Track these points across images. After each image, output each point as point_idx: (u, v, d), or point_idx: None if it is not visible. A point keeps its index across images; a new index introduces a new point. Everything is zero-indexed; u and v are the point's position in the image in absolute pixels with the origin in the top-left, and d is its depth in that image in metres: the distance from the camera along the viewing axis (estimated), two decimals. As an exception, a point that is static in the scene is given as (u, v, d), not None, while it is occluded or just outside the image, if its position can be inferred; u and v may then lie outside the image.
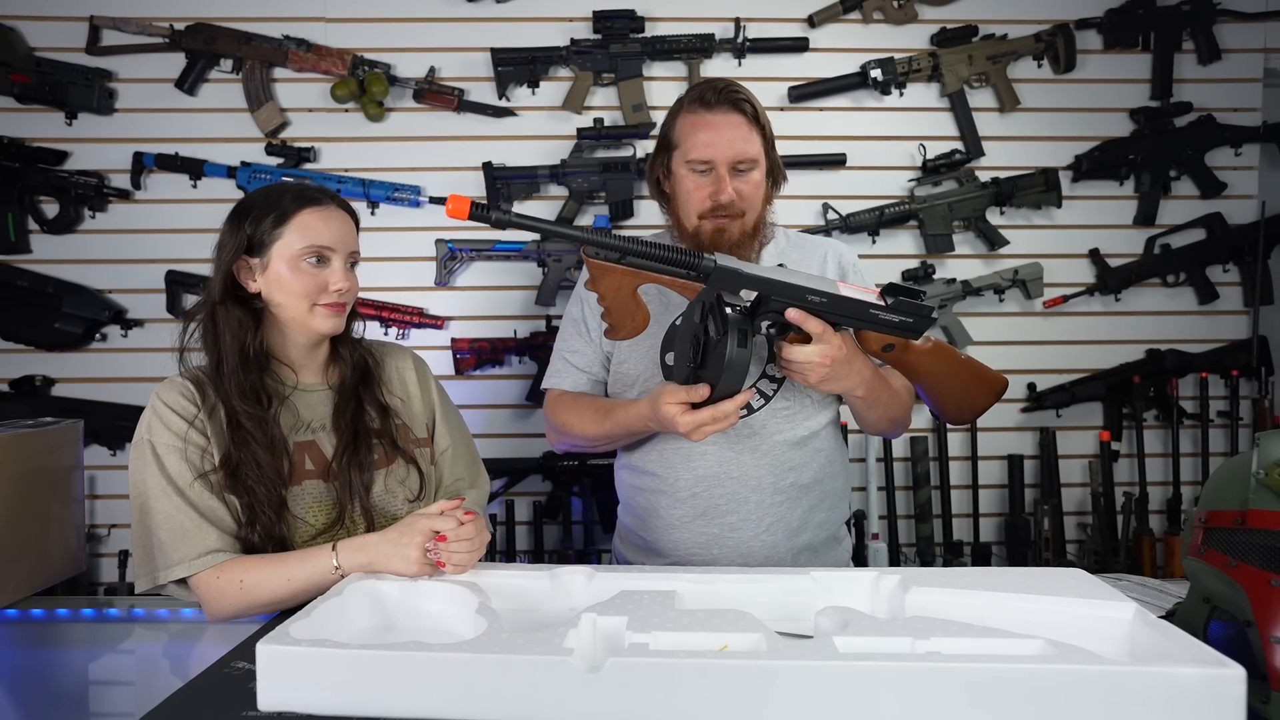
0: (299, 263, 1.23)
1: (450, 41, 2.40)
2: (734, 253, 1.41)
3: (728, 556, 1.44)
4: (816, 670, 0.79)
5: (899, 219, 2.43)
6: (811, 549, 1.48)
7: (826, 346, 1.22)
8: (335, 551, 1.15)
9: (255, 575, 1.17)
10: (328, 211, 1.26)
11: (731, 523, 1.43)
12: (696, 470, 1.44)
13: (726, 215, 1.42)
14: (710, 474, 1.43)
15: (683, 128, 1.44)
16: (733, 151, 1.40)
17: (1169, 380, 2.48)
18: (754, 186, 1.43)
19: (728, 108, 1.41)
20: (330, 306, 1.25)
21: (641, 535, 1.52)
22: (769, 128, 1.46)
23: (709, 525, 1.44)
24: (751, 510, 1.43)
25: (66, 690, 1.12)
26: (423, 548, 1.10)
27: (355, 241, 1.30)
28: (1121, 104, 2.48)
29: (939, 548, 2.47)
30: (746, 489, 1.43)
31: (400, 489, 1.32)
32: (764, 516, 1.43)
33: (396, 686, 0.83)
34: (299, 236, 1.23)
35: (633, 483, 1.54)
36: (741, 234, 1.44)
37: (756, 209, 1.45)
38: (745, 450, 1.43)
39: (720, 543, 1.44)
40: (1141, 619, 0.91)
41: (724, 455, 1.43)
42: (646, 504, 1.50)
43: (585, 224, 2.42)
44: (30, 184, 2.33)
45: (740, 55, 2.41)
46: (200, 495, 1.19)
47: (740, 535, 1.43)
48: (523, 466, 2.39)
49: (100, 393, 2.37)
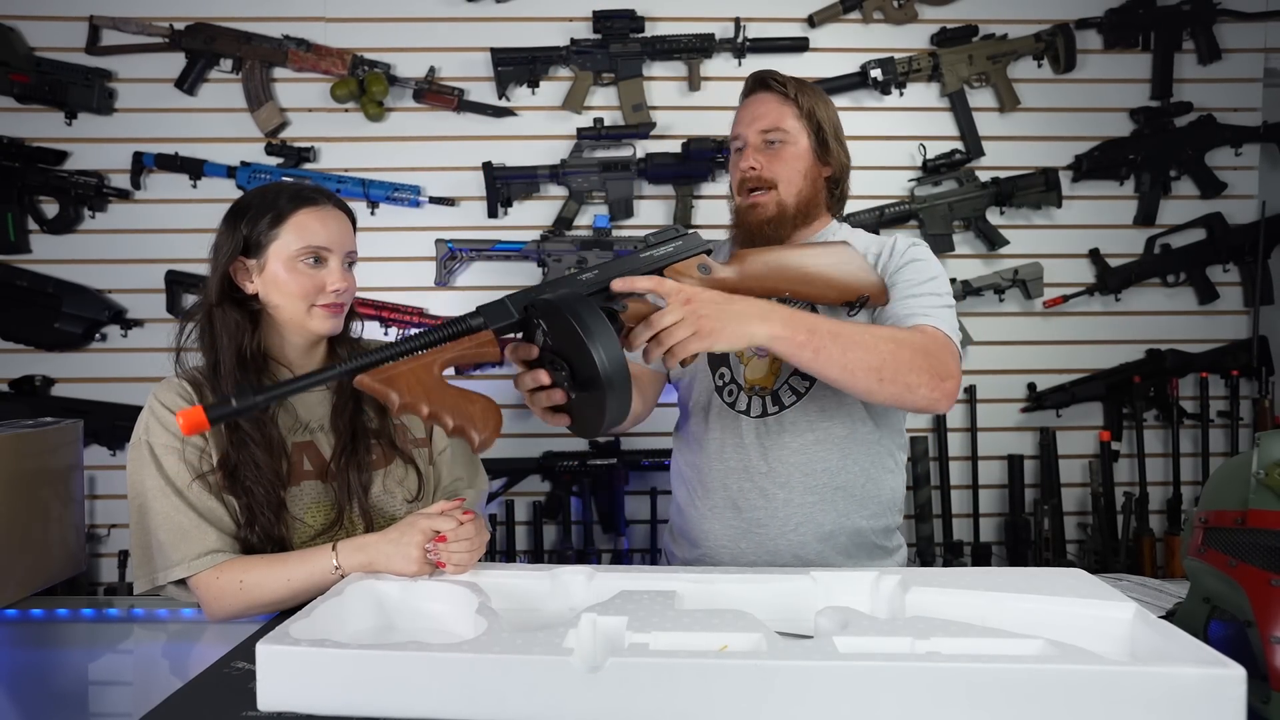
0: (296, 263, 1.22)
1: (450, 41, 2.40)
2: (768, 231, 1.39)
3: (755, 552, 1.40)
4: (816, 670, 0.79)
5: (899, 219, 2.43)
6: (848, 554, 1.41)
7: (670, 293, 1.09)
8: (335, 552, 1.15)
9: (254, 575, 1.17)
10: (324, 212, 1.26)
11: (758, 518, 1.40)
12: (729, 463, 1.42)
13: (757, 188, 1.41)
14: (740, 468, 1.41)
15: (737, 112, 1.48)
16: (757, 123, 1.41)
17: (1169, 380, 2.48)
18: (786, 160, 1.40)
19: (759, 89, 1.45)
20: (328, 307, 1.25)
21: (680, 522, 1.52)
22: (815, 111, 1.43)
23: (738, 518, 1.41)
24: (779, 508, 1.39)
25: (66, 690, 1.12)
26: (423, 547, 1.10)
27: (352, 241, 1.30)
28: (1121, 104, 2.48)
29: (939, 548, 2.47)
30: (775, 485, 1.39)
31: (399, 489, 1.32)
32: (791, 515, 1.39)
33: (396, 686, 0.83)
34: (295, 237, 1.22)
35: (678, 470, 1.54)
36: (779, 210, 1.40)
37: (795, 184, 1.41)
38: (775, 446, 1.39)
39: (748, 537, 1.41)
40: (1141, 619, 0.91)
41: (755, 450, 1.40)
42: (685, 494, 1.50)
43: (584, 224, 2.42)
44: (30, 184, 2.33)
45: (740, 55, 2.41)
46: (199, 496, 1.19)
47: (767, 532, 1.39)
48: (522, 466, 2.39)
49: (100, 393, 2.37)
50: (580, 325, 0.95)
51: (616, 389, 0.96)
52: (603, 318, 0.97)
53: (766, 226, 1.40)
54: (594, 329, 0.95)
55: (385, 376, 0.97)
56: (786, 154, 1.41)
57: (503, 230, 2.42)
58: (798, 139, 1.42)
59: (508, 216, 2.43)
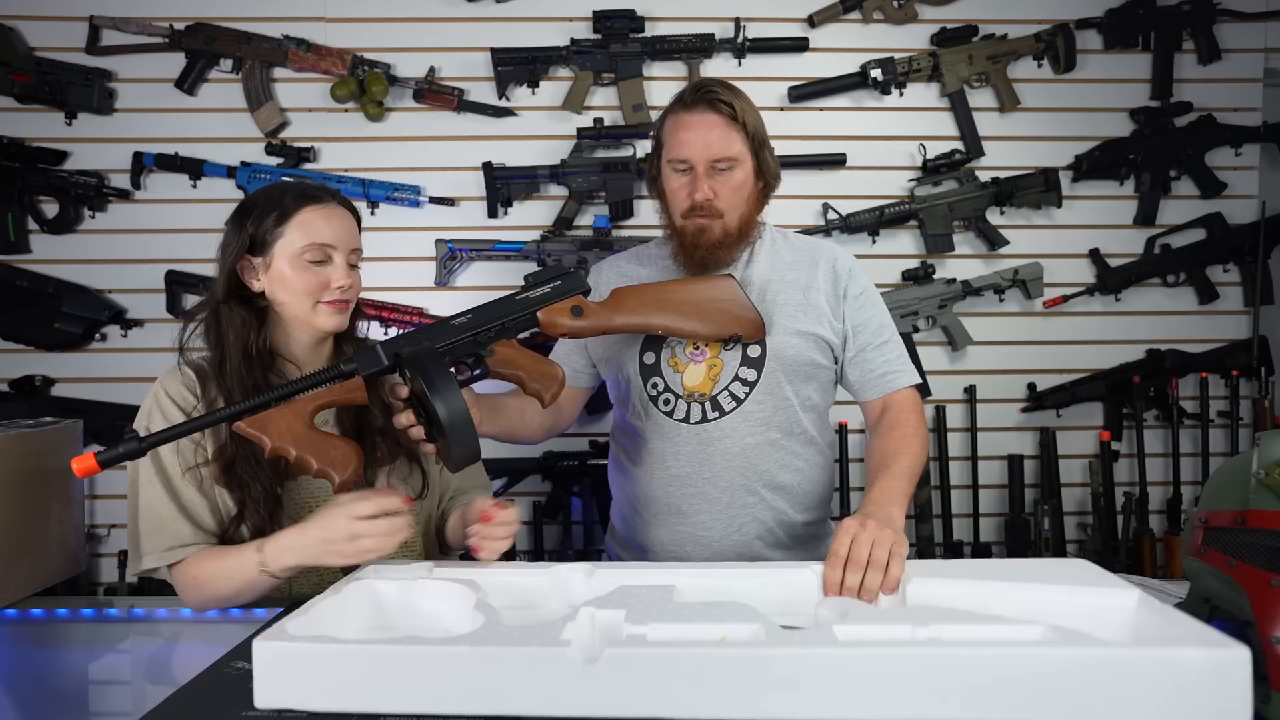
0: (301, 261, 1.23)
1: (450, 41, 2.40)
2: (716, 254, 1.43)
3: (701, 555, 1.45)
4: (816, 658, 0.79)
5: (899, 219, 2.43)
6: (785, 548, 1.48)
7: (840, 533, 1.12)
8: (262, 554, 1.13)
9: (206, 570, 1.17)
10: (329, 209, 1.26)
11: (704, 522, 1.44)
12: (670, 470, 1.45)
13: (705, 215, 1.41)
14: (682, 474, 1.44)
15: (667, 128, 1.45)
16: (708, 151, 1.39)
17: (1169, 380, 2.48)
18: (734, 187, 1.41)
19: (704, 107, 1.40)
20: (333, 304, 1.26)
21: (624, 530, 1.55)
22: (757, 128, 1.44)
23: (682, 524, 1.45)
24: (722, 510, 1.44)
25: (66, 690, 1.12)
26: (351, 539, 1.09)
27: (357, 239, 1.31)
28: (1121, 104, 2.48)
29: (939, 548, 2.47)
30: (717, 489, 1.43)
31: (403, 487, 1.32)
32: (736, 516, 1.44)
33: (394, 681, 0.82)
34: (301, 235, 1.23)
35: (617, 478, 1.57)
36: (724, 234, 1.43)
37: (739, 209, 1.43)
38: (717, 452, 1.43)
39: (694, 540, 1.45)
40: (1145, 605, 0.90)
41: (695, 456, 1.44)
42: (626, 502, 1.53)
43: (585, 224, 2.42)
44: (30, 184, 2.33)
45: (740, 55, 2.42)
46: (185, 488, 1.20)
47: (712, 534, 1.44)
48: (523, 466, 2.39)
49: (100, 393, 2.37)
50: (425, 380, 1.07)
51: (457, 435, 1.07)
52: (446, 372, 1.09)
53: (718, 250, 1.43)
54: (437, 384, 1.07)
55: (260, 423, 1.07)
56: (734, 181, 1.42)
57: (503, 230, 2.42)
58: (744, 163, 1.42)
59: (508, 216, 2.43)
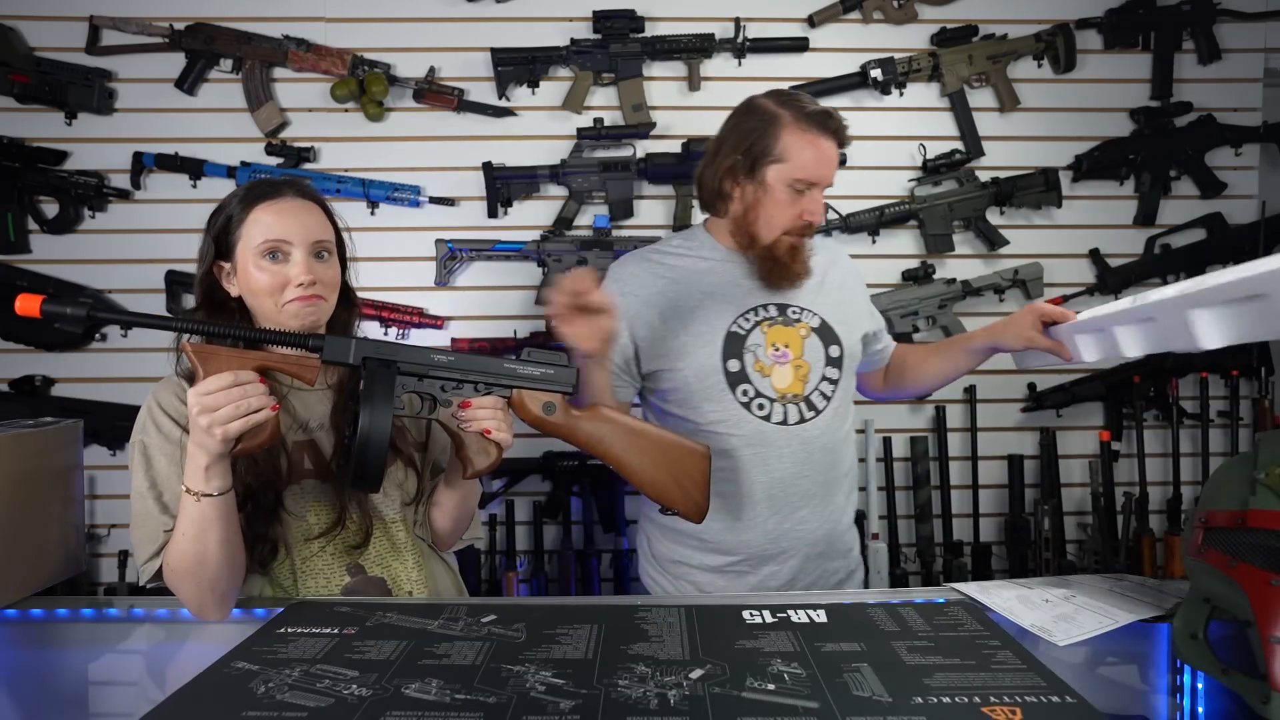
0: (259, 260, 1.20)
1: (450, 41, 2.40)
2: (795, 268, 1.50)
3: (795, 548, 1.51)
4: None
5: (899, 219, 2.44)
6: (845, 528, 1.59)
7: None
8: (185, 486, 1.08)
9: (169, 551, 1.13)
10: (282, 204, 1.22)
11: (802, 516, 1.51)
12: (773, 472, 1.49)
13: (805, 234, 1.50)
14: (785, 476, 1.49)
15: (791, 142, 1.45)
16: (828, 180, 1.49)
17: (1169, 380, 2.48)
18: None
19: (830, 135, 1.47)
20: (300, 300, 1.20)
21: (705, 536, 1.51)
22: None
23: (783, 522, 1.50)
24: (820, 505, 1.52)
25: (66, 690, 1.12)
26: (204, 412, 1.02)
27: (322, 230, 1.24)
28: (1121, 104, 2.48)
29: (939, 548, 2.47)
30: (816, 485, 1.51)
31: (397, 492, 1.30)
32: (828, 507, 1.53)
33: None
34: (254, 233, 1.20)
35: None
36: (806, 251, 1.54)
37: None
38: (816, 450, 1.50)
39: (790, 535, 1.51)
40: None
41: (798, 456, 1.49)
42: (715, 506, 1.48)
43: (585, 224, 2.42)
44: (30, 184, 2.33)
45: (740, 55, 2.41)
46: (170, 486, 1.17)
47: (807, 528, 1.51)
48: (522, 466, 2.39)
49: (100, 393, 2.37)
50: (369, 390, 1.06)
51: (366, 455, 1.05)
52: (391, 394, 1.07)
53: (799, 263, 1.51)
54: (378, 400, 1.06)
55: (205, 354, 1.04)
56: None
57: (503, 230, 2.42)
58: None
59: (508, 216, 2.43)
